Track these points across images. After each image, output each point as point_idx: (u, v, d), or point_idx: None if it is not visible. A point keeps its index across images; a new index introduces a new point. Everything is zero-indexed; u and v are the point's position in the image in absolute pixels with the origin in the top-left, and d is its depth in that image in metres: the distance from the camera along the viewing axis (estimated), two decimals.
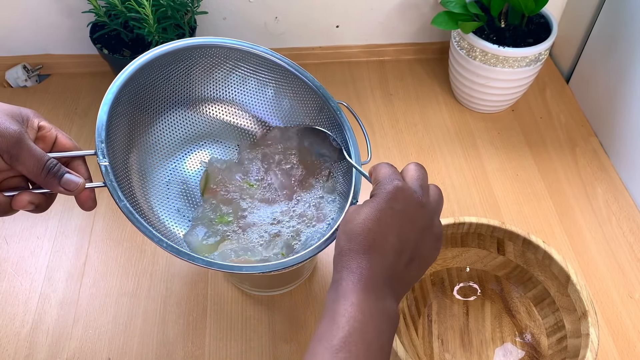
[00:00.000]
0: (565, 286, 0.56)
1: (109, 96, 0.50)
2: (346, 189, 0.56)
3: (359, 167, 0.54)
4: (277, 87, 0.60)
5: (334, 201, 0.58)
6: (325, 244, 0.50)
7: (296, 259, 0.49)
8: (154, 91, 0.56)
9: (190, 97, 0.59)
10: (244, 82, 0.60)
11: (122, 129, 0.53)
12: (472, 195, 0.77)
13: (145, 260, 0.68)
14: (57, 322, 0.63)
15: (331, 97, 0.58)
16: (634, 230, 0.73)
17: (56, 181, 0.43)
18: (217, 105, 0.61)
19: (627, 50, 0.77)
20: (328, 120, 0.59)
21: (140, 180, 0.54)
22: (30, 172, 0.42)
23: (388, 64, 0.96)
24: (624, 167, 0.79)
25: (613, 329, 0.64)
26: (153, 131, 0.57)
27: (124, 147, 0.53)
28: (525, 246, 0.59)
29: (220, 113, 0.61)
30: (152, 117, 0.57)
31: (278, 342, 0.62)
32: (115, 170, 0.48)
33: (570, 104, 0.90)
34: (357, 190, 0.54)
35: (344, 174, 0.58)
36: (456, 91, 0.89)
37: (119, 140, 0.52)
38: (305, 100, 0.60)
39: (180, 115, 0.59)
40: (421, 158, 0.81)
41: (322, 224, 0.56)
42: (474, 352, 0.60)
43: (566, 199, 0.76)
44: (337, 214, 0.56)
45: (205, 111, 0.61)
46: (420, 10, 0.91)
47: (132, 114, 0.54)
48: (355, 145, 0.56)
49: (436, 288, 0.64)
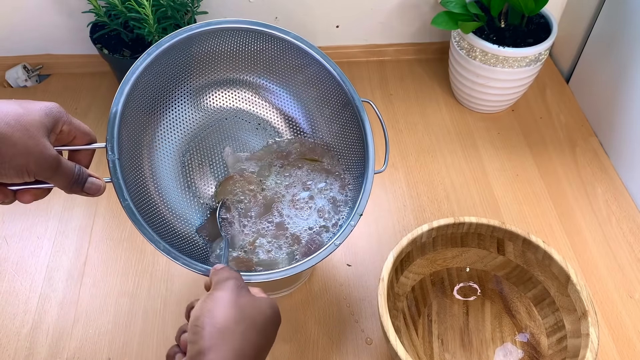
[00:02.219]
0: (565, 286, 0.56)
1: (125, 88, 0.48)
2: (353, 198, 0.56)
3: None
4: (304, 75, 0.59)
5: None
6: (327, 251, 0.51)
7: (297, 267, 0.49)
8: (172, 79, 0.55)
9: (208, 82, 0.58)
10: (271, 66, 0.59)
11: (134, 123, 0.52)
12: (472, 195, 0.77)
13: (145, 260, 0.68)
14: (57, 322, 0.63)
15: (356, 93, 0.57)
16: (634, 230, 0.73)
17: (80, 187, 0.43)
18: (238, 90, 0.59)
19: (627, 50, 0.77)
20: (350, 117, 0.57)
21: (152, 175, 0.54)
22: (59, 186, 0.42)
23: (388, 64, 0.96)
24: (624, 167, 0.79)
25: (613, 329, 0.64)
26: (168, 122, 0.56)
27: (135, 142, 0.53)
28: (525, 246, 0.59)
29: (240, 101, 0.59)
30: (168, 107, 0.56)
31: (278, 342, 0.62)
32: (124, 166, 0.47)
33: (570, 104, 0.90)
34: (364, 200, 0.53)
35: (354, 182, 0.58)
36: (456, 91, 0.89)
37: (130, 134, 0.51)
38: (329, 93, 0.59)
39: (197, 103, 0.58)
40: (421, 158, 0.81)
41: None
42: (474, 352, 0.60)
43: (566, 199, 0.76)
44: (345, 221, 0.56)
45: (222, 97, 0.59)
46: (420, 10, 0.92)
47: (145, 106, 0.53)
48: (371, 152, 0.55)
49: (436, 288, 0.64)
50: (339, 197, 0.58)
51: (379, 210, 0.74)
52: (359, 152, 0.57)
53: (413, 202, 0.75)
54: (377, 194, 0.76)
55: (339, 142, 0.60)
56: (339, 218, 0.56)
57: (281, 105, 0.61)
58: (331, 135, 0.60)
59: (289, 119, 0.61)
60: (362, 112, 0.56)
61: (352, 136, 0.58)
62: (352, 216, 0.52)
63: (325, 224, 0.56)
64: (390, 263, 0.55)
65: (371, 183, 0.54)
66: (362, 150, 0.56)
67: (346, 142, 0.59)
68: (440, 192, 0.77)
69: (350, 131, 0.58)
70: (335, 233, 0.53)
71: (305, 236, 0.55)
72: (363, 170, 0.55)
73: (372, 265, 0.68)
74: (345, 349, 0.61)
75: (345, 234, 0.52)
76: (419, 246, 0.60)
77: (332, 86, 0.58)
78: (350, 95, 0.57)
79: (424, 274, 0.63)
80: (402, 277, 0.60)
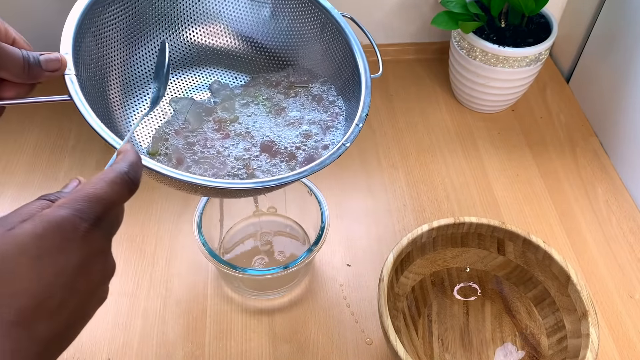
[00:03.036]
0: (566, 286, 0.56)
1: (78, 8, 0.46)
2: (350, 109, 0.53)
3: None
4: (273, 5, 0.57)
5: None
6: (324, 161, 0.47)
7: (295, 175, 0.46)
8: (131, 14, 0.52)
9: (179, 15, 0.55)
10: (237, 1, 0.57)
11: (96, 54, 0.49)
12: (472, 195, 0.77)
13: (145, 260, 0.68)
14: None
15: (333, 8, 0.55)
16: (634, 230, 0.73)
17: (39, 69, 0.40)
18: (208, 26, 0.57)
19: (627, 50, 0.77)
20: (332, 37, 0.55)
21: (118, 101, 0.51)
22: (12, 71, 0.38)
23: (388, 64, 0.96)
24: (624, 167, 0.79)
25: (613, 329, 0.64)
26: (134, 54, 0.53)
27: (99, 77, 0.50)
28: (526, 246, 0.59)
29: (211, 36, 0.57)
30: (134, 40, 0.53)
31: (278, 342, 0.62)
32: (85, 86, 0.44)
33: (571, 104, 0.90)
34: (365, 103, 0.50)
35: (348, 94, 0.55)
36: (456, 91, 0.89)
37: (92, 66, 0.49)
38: (305, 17, 0.56)
39: (166, 36, 0.55)
40: (421, 158, 0.81)
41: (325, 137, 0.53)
42: (474, 352, 0.60)
43: (566, 199, 0.76)
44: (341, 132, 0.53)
45: (193, 35, 0.57)
46: (420, 10, 0.91)
47: (107, 37, 0.50)
48: (363, 59, 0.53)
49: (436, 288, 0.64)
50: (331, 124, 0.55)
51: (379, 210, 0.74)
52: (351, 66, 0.55)
53: (413, 202, 0.75)
54: (377, 194, 0.76)
55: (327, 66, 0.57)
56: (333, 137, 0.54)
57: (257, 39, 0.59)
58: (317, 62, 0.58)
59: (273, 53, 0.59)
60: (343, 26, 0.55)
61: (339, 54, 0.56)
62: (359, 117, 0.50)
63: (319, 144, 0.54)
64: (390, 263, 0.55)
65: (370, 85, 0.52)
66: (353, 63, 0.54)
67: (335, 63, 0.57)
68: (440, 192, 0.77)
69: (335, 51, 0.56)
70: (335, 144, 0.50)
71: (300, 153, 0.52)
72: (358, 83, 0.53)
73: (372, 265, 0.68)
74: (345, 349, 0.61)
75: (354, 135, 0.49)
76: (419, 246, 0.60)
77: (304, 8, 0.56)
78: (325, 11, 0.55)
79: (424, 274, 0.63)
80: (402, 277, 0.60)
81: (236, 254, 0.68)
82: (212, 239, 0.63)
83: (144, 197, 0.73)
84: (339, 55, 0.57)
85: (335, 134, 0.54)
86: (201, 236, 0.59)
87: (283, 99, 0.57)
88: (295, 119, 0.55)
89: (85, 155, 0.79)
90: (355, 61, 0.54)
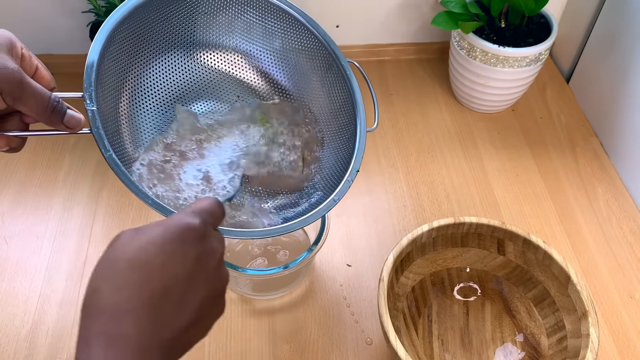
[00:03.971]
0: (566, 286, 0.56)
1: (102, 34, 0.46)
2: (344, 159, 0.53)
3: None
4: (284, 38, 0.57)
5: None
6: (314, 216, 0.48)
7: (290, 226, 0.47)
8: (152, 31, 0.52)
9: (190, 41, 0.56)
10: (249, 29, 0.57)
11: (114, 73, 0.50)
12: (472, 195, 0.77)
13: None
14: (57, 322, 0.63)
15: (341, 54, 0.56)
16: (634, 230, 0.73)
17: (60, 118, 0.41)
18: (219, 53, 0.58)
19: (627, 50, 0.77)
20: (336, 79, 0.56)
21: (130, 130, 0.51)
22: (34, 111, 0.40)
23: (388, 64, 0.96)
24: (624, 167, 0.79)
25: (613, 329, 0.64)
26: (147, 77, 0.53)
27: (114, 93, 0.50)
28: (526, 246, 0.59)
29: (221, 62, 0.58)
30: (148, 61, 0.53)
31: (278, 342, 0.62)
32: (103, 117, 0.45)
33: (570, 104, 0.90)
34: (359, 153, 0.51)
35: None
36: (456, 91, 0.89)
37: (109, 84, 0.49)
38: (313, 55, 0.57)
39: (178, 61, 0.55)
40: (421, 158, 0.81)
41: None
42: (474, 352, 0.60)
43: (566, 199, 0.76)
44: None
45: (205, 58, 0.57)
46: (420, 10, 0.91)
47: (125, 56, 0.51)
48: (361, 111, 0.54)
49: (436, 288, 0.64)
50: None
51: (379, 210, 0.74)
52: (348, 113, 0.55)
53: (413, 202, 0.75)
54: (377, 194, 0.76)
55: (326, 106, 0.58)
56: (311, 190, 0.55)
57: (265, 68, 0.59)
58: (318, 100, 0.59)
59: (276, 84, 0.59)
60: (348, 73, 0.56)
61: (339, 98, 0.57)
62: (350, 172, 0.51)
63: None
64: (390, 263, 0.55)
65: (364, 141, 0.53)
66: (351, 111, 0.55)
67: (334, 106, 0.57)
68: (440, 192, 0.77)
69: (336, 93, 0.57)
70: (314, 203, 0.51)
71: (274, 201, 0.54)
72: (353, 132, 0.54)
73: (372, 265, 0.68)
74: (345, 349, 0.61)
75: (344, 190, 0.50)
76: (419, 246, 0.60)
77: (313, 47, 0.57)
78: (333, 56, 0.56)
79: (424, 274, 0.63)
80: (402, 277, 0.60)
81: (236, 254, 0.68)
82: None
83: None
84: (338, 99, 0.57)
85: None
86: None
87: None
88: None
89: (85, 154, 0.79)
90: (353, 109, 0.55)
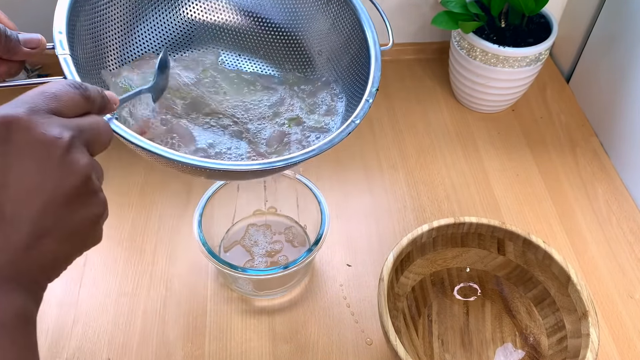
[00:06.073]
0: (566, 286, 0.56)
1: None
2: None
3: None
4: None
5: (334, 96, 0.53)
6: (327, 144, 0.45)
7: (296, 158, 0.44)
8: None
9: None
10: None
11: (91, 35, 0.47)
12: (472, 195, 0.77)
13: (145, 260, 0.68)
14: (56, 322, 0.63)
15: None
16: (634, 230, 0.73)
17: (17, 43, 0.40)
18: (207, 1, 0.55)
19: (627, 50, 0.77)
20: (339, 9, 0.53)
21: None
22: None
23: (388, 64, 0.96)
24: (624, 167, 0.79)
25: (613, 329, 0.64)
26: (133, 38, 0.51)
27: (95, 58, 0.48)
28: (526, 246, 0.59)
29: (211, 13, 0.55)
30: (130, 23, 0.51)
31: (278, 342, 0.62)
32: (82, 65, 0.43)
33: (571, 104, 0.90)
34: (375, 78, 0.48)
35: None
36: (456, 91, 0.89)
37: (88, 46, 0.47)
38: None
39: (162, 18, 0.53)
40: (421, 158, 0.81)
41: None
42: (474, 352, 0.60)
43: (566, 199, 0.76)
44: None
45: (194, 11, 0.54)
46: (420, 10, 0.91)
47: (103, 16, 0.49)
48: (373, 32, 0.51)
49: (436, 288, 0.64)
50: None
51: (379, 210, 0.74)
52: (358, 40, 0.52)
53: (413, 202, 0.75)
54: (378, 194, 0.76)
55: (334, 41, 0.55)
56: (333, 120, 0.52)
57: (264, 13, 0.56)
58: (324, 37, 0.55)
59: (278, 29, 0.56)
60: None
61: (346, 29, 0.54)
62: (369, 92, 0.48)
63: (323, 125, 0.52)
64: (390, 263, 0.55)
65: (379, 59, 0.50)
66: (361, 36, 0.52)
67: (342, 37, 0.54)
68: (440, 192, 0.77)
69: (342, 24, 0.54)
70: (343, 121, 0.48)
71: (312, 135, 0.51)
72: (367, 57, 0.51)
73: (372, 265, 0.68)
74: (345, 349, 0.61)
75: (364, 111, 0.47)
76: (419, 246, 0.60)
77: None
78: None
79: (424, 274, 0.63)
80: (402, 277, 0.60)
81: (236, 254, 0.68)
82: (212, 238, 0.63)
83: (144, 197, 0.73)
84: (346, 29, 0.54)
85: (332, 121, 0.53)
86: (201, 236, 0.59)
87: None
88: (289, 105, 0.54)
89: None
90: (363, 33, 0.52)
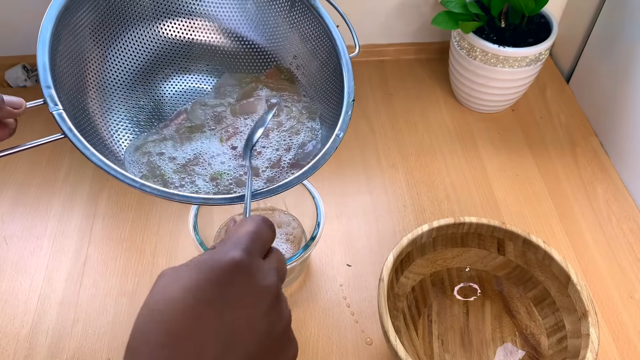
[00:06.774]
0: (566, 286, 0.56)
1: (45, 31, 0.42)
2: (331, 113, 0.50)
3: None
4: None
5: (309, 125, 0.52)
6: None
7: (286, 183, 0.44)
8: (98, 16, 0.48)
9: (139, 15, 0.51)
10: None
11: (72, 67, 0.46)
12: (472, 195, 0.77)
13: (145, 260, 0.68)
14: (56, 322, 0.63)
15: None
16: (634, 230, 0.73)
17: (3, 102, 0.41)
18: (177, 20, 0.53)
19: (627, 50, 0.77)
20: (302, 15, 0.52)
21: (104, 123, 0.48)
22: None
23: (388, 64, 0.96)
24: (624, 167, 0.79)
25: (613, 329, 0.64)
26: (109, 65, 0.50)
27: (78, 88, 0.47)
28: (526, 246, 0.59)
29: (180, 30, 0.54)
30: (105, 48, 0.49)
31: None
32: (74, 117, 0.42)
33: (570, 104, 0.90)
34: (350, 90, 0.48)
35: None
36: (456, 91, 0.89)
37: (70, 80, 0.46)
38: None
39: (137, 39, 0.51)
40: (421, 158, 0.81)
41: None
42: (474, 352, 0.60)
43: (566, 199, 0.76)
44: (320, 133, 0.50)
45: (164, 30, 0.53)
46: (420, 10, 0.91)
47: (77, 48, 0.47)
48: (340, 40, 0.51)
49: (436, 288, 0.64)
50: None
51: (379, 210, 0.74)
52: (326, 48, 0.51)
53: (413, 202, 0.75)
54: (377, 194, 0.76)
55: (302, 48, 0.54)
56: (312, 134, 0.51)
57: (226, 24, 0.55)
58: (291, 44, 0.55)
59: (244, 41, 0.55)
60: (314, 3, 0.52)
61: (313, 35, 0.53)
62: (346, 105, 0.48)
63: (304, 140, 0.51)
64: (390, 263, 0.55)
65: (351, 70, 0.50)
66: (329, 44, 0.51)
67: (309, 45, 0.54)
68: (440, 192, 0.77)
69: (308, 30, 0.53)
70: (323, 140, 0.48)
71: (287, 155, 0.50)
72: (337, 65, 0.50)
73: (372, 265, 0.68)
74: (345, 349, 0.61)
75: (345, 123, 0.47)
76: (419, 246, 0.60)
77: None
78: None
79: (424, 274, 0.63)
80: (402, 277, 0.60)
81: None
82: (208, 239, 0.63)
83: (144, 197, 0.73)
84: (312, 37, 0.53)
85: (306, 134, 0.52)
86: (197, 235, 0.59)
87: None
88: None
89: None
90: (331, 41, 0.51)
